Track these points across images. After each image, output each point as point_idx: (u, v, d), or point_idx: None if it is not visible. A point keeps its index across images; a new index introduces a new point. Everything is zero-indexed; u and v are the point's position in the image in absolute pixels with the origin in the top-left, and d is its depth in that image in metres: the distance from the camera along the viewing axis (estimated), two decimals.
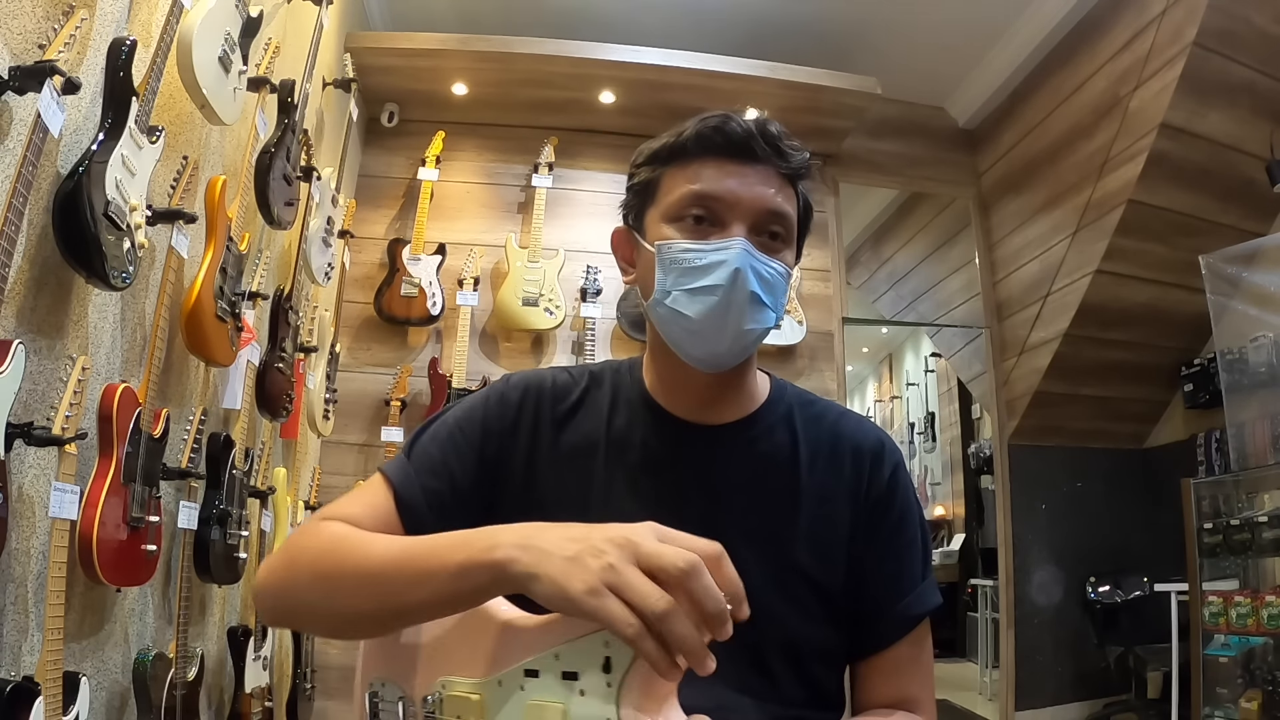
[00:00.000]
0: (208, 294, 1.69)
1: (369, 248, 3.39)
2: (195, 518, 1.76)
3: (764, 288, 0.82)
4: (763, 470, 0.88)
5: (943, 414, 6.60)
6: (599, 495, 0.86)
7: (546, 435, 0.89)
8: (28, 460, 1.29)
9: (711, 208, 0.83)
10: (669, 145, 0.87)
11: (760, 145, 0.83)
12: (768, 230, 0.84)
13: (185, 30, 1.54)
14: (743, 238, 0.82)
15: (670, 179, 0.86)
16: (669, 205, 0.85)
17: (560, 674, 0.63)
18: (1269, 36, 2.87)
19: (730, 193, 0.83)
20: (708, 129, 0.84)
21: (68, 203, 1.27)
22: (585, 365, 0.97)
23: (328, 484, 3.09)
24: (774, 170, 0.84)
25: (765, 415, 0.91)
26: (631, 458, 0.88)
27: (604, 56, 3.24)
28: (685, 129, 0.86)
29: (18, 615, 1.27)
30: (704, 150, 0.84)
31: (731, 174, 0.83)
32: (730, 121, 0.84)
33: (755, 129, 0.84)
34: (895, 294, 5.30)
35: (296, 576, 0.77)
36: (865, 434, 0.92)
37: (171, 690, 1.63)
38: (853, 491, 0.87)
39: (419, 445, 0.87)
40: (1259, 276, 3.13)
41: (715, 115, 0.85)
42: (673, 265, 0.83)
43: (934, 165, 4.16)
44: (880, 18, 3.48)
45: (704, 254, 0.82)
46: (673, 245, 0.83)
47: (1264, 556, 2.93)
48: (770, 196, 0.83)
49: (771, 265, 0.83)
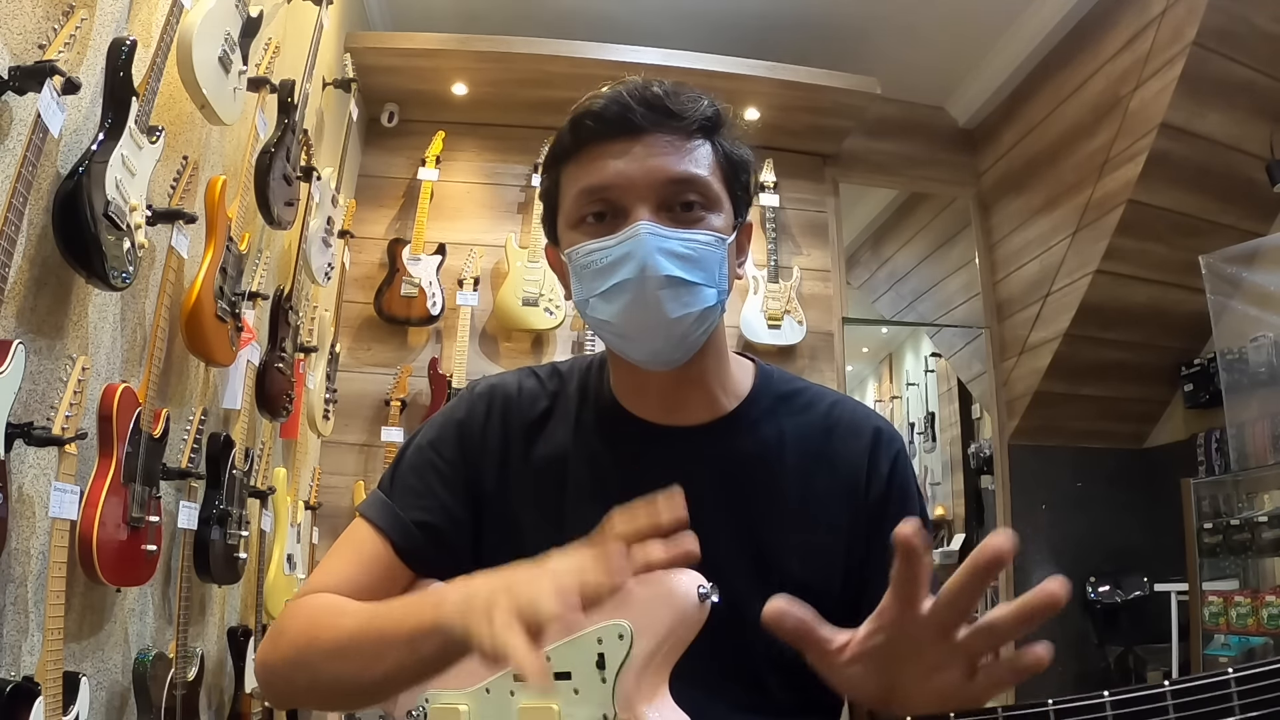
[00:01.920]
0: (208, 294, 1.69)
1: (369, 248, 3.39)
2: (195, 518, 1.76)
3: (684, 265, 0.75)
4: (746, 475, 0.81)
5: (943, 414, 6.59)
6: (571, 509, 0.81)
7: (517, 447, 0.85)
8: (28, 460, 1.29)
9: (606, 199, 0.76)
10: (553, 148, 0.81)
11: (640, 114, 0.75)
12: (678, 202, 0.76)
13: (185, 30, 1.54)
14: (646, 220, 0.74)
15: (566, 181, 0.80)
16: (568, 210, 0.79)
17: (553, 675, 0.63)
18: (1269, 36, 2.86)
19: (619, 176, 0.75)
20: (580, 117, 0.77)
21: (68, 203, 1.27)
22: (554, 365, 0.92)
23: (328, 484, 3.09)
24: (668, 135, 0.76)
25: (747, 412, 0.84)
26: (602, 468, 0.82)
27: (604, 56, 3.23)
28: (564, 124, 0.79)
29: (18, 615, 1.27)
30: (585, 141, 0.77)
31: (617, 155, 0.75)
32: (602, 101, 0.77)
33: (631, 98, 0.76)
34: (895, 294, 5.30)
35: (282, 661, 0.75)
36: (860, 423, 0.85)
37: (171, 690, 1.63)
38: (850, 490, 0.82)
39: (399, 478, 0.84)
40: (1259, 276, 3.13)
41: (592, 99, 0.78)
42: (584, 271, 0.77)
43: (934, 165, 4.15)
44: (880, 18, 3.48)
45: (607, 251, 0.75)
46: (578, 250, 0.77)
47: (1264, 556, 2.93)
48: (667, 165, 0.75)
49: (690, 238, 0.75)
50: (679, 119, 0.77)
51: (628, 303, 0.75)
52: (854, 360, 7.89)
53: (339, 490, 3.14)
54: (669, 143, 0.76)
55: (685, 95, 0.78)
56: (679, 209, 0.76)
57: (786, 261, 3.57)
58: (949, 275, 4.56)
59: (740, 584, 0.76)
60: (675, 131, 0.77)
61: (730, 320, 3.44)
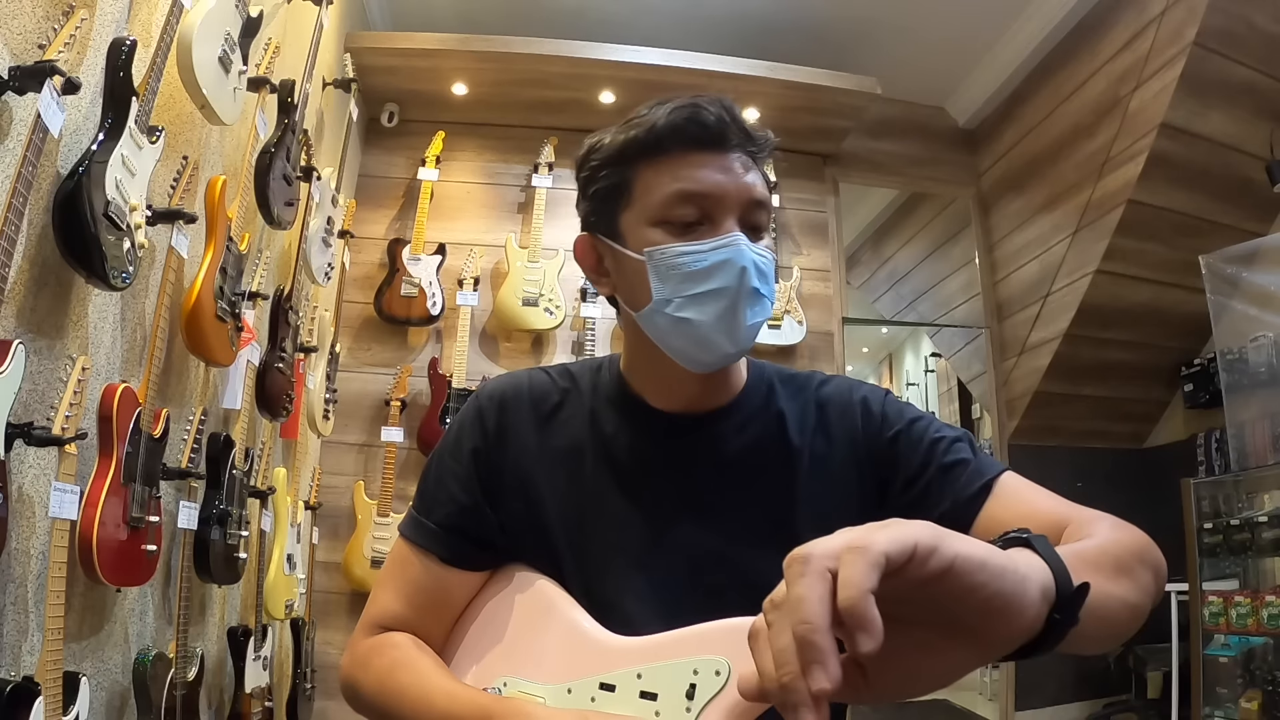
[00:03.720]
0: (208, 294, 1.69)
1: (369, 248, 3.39)
2: (195, 518, 1.76)
3: (763, 280, 0.79)
4: (758, 456, 0.85)
5: (943, 414, 6.59)
6: (593, 502, 0.84)
7: (532, 437, 0.87)
8: (28, 460, 1.29)
9: (703, 206, 0.78)
10: (639, 140, 0.81)
11: (734, 131, 0.79)
12: (753, 220, 0.80)
13: (185, 30, 1.54)
14: (738, 232, 0.78)
15: (645, 177, 0.81)
16: (652, 207, 0.80)
17: (639, 693, 0.63)
18: (1269, 36, 2.87)
19: (718, 187, 0.78)
20: (681, 119, 0.79)
21: (68, 203, 1.27)
22: (563, 365, 0.94)
23: (328, 484, 3.09)
24: (746, 156, 0.81)
25: (749, 397, 0.88)
26: (621, 460, 0.85)
27: (604, 56, 3.24)
28: (653, 121, 0.80)
29: (18, 615, 1.27)
30: (679, 143, 0.79)
31: (713, 166, 0.78)
32: (701, 109, 0.79)
33: (726, 114, 0.79)
34: (895, 294, 5.30)
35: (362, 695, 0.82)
36: (847, 393, 0.89)
37: (171, 690, 1.63)
38: (851, 451, 0.84)
39: (424, 492, 0.88)
40: (1259, 276, 3.13)
41: (682, 103, 0.80)
42: (671, 272, 0.78)
43: (934, 165, 4.15)
44: (880, 18, 3.48)
45: (704, 256, 0.77)
46: (666, 250, 0.78)
47: (1264, 556, 2.93)
48: (753, 186, 0.80)
49: (765, 255, 0.80)
50: (755, 144, 0.81)
51: (722, 309, 0.78)
52: (854, 360, 7.89)
53: (339, 490, 3.14)
54: (747, 164, 0.80)
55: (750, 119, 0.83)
56: (750, 228, 0.80)
57: (786, 261, 3.57)
58: (949, 275, 4.56)
59: (763, 564, 0.77)
60: (752, 154, 0.81)
61: None
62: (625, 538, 0.82)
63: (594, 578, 0.80)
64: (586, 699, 0.66)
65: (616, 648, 0.67)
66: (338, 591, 3.06)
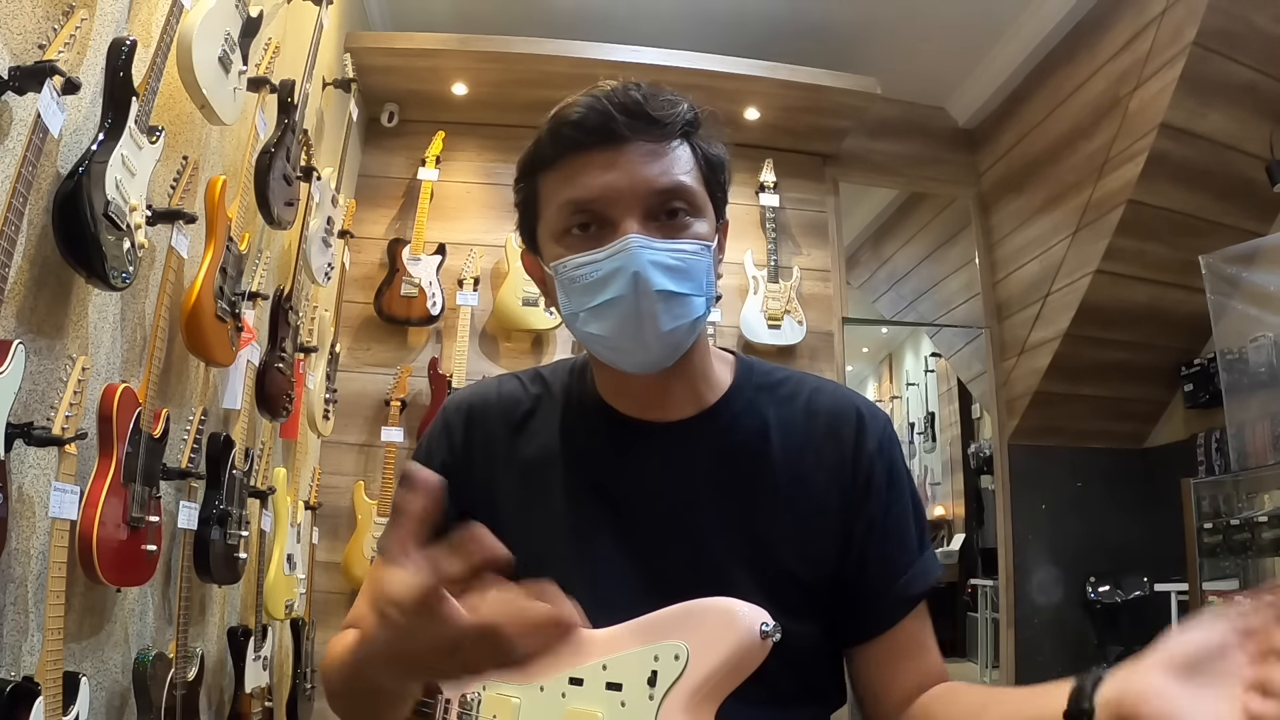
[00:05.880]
0: (208, 294, 1.69)
1: (369, 248, 3.39)
2: (195, 518, 1.76)
3: (674, 277, 0.74)
4: (735, 466, 0.81)
5: (943, 414, 6.60)
6: (564, 511, 0.82)
7: (501, 447, 0.86)
8: (28, 460, 1.29)
9: (593, 210, 0.74)
10: (531, 154, 0.79)
11: (622, 123, 0.74)
12: (665, 210, 0.75)
13: (185, 30, 1.54)
14: (635, 233, 0.73)
15: (546, 190, 0.78)
16: (551, 220, 0.78)
17: (605, 684, 0.64)
18: (1269, 36, 2.86)
19: (607, 189, 0.74)
20: (561, 126, 0.76)
21: (68, 203, 1.27)
22: (536, 369, 0.92)
23: (328, 484, 3.09)
24: (650, 142, 0.75)
25: (730, 404, 0.84)
26: (593, 468, 0.83)
27: (604, 56, 3.23)
28: (541, 130, 0.78)
29: (18, 615, 1.27)
30: (567, 150, 0.76)
31: (603, 166, 0.74)
32: (580, 109, 0.75)
33: (613, 106, 0.74)
34: (895, 294, 5.30)
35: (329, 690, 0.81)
36: (842, 407, 0.85)
37: (171, 690, 1.63)
38: (837, 474, 0.82)
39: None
40: (1259, 276, 3.13)
41: (569, 106, 0.76)
42: (572, 285, 0.76)
43: (934, 165, 4.15)
44: (880, 18, 3.48)
45: (597, 265, 0.74)
46: (566, 264, 0.76)
47: (1264, 556, 2.93)
48: (654, 176, 0.74)
49: (678, 249, 0.74)
50: (660, 125, 0.75)
51: (621, 318, 0.74)
52: (854, 360, 7.89)
53: (339, 490, 3.14)
54: (651, 150, 0.75)
55: (663, 99, 0.76)
56: (665, 217, 0.75)
57: (786, 261, 3.57)
58: (949, 275, 4.56)
59: (737, 574, 0.78)
60: (657, 138, 0.75)
61: (730, 320, 3.47)
62: (591, 549, 0.80)
63: None
64: (557, 694, 0.67)
65: (584, 641, 0.68)
66: (338, 592, 3.05)
